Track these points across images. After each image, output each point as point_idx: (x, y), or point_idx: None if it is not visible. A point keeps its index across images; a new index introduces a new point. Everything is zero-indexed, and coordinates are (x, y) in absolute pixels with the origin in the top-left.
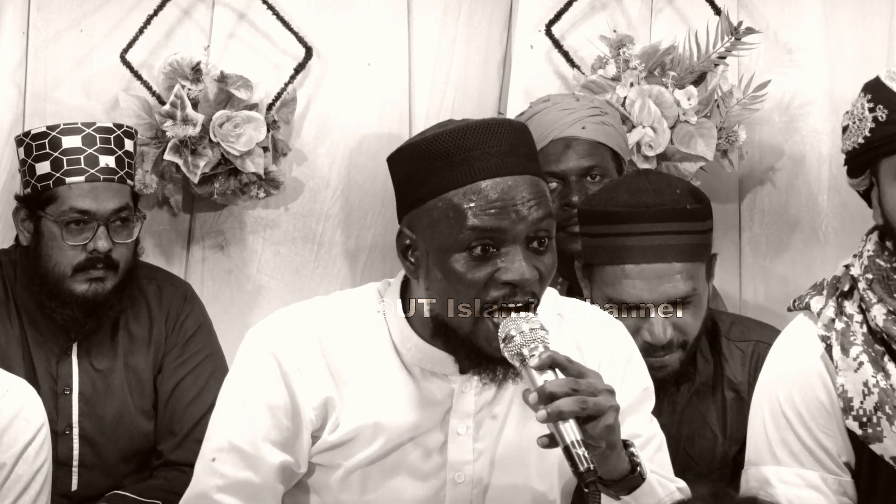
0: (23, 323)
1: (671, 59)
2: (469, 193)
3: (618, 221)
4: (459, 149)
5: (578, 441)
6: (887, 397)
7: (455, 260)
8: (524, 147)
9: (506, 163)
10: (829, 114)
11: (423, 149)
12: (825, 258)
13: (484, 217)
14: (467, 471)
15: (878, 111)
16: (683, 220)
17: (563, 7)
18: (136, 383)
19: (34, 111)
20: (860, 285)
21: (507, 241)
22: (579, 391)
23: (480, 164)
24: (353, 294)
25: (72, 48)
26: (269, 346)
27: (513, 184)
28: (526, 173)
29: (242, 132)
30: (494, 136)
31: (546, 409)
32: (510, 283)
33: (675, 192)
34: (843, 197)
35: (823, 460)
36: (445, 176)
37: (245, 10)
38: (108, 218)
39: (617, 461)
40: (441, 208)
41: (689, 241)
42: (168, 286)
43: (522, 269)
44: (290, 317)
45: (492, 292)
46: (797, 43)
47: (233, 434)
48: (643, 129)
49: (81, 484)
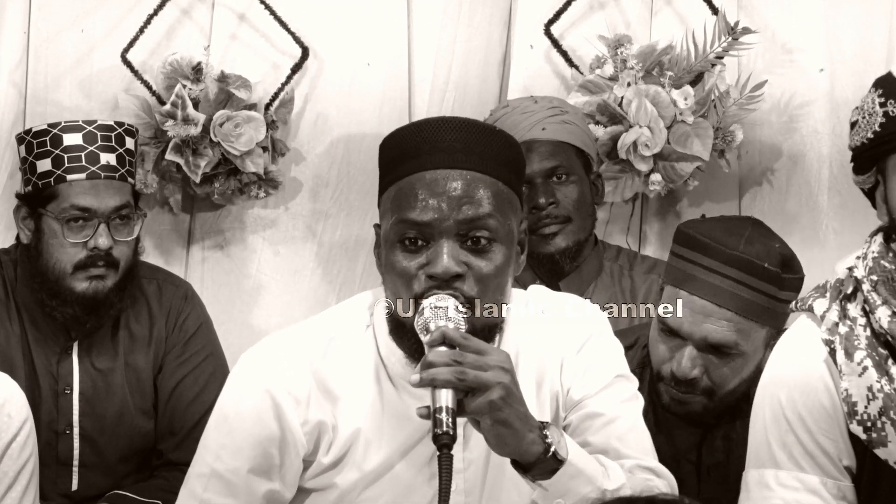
0: (23, 322)
1: (669, 58)
2: (407, 185)
3: (696, 249)
4: (413, 142)
5: (447, 408)
6: (892, 402)
7: (393, 252)
8: (481, 146)
9: (453, 158)
10: (828, 114)
11: (387, 142)
12: (825, 259)
13: (413, 210)
14: (459, 480)
15: (890, 106)
16: (755, 276)
17: (562, 7)
18: (137, 383)
19: (34, 111)
20: (864, 287)
21: (436, 235)
22: (462, 364)
23: (426, 157)
24: (344, 309)
25: (72, 48)
26: (262, 380)
27: (449, 178)
28: (473, 170)
29: (243, 132)
30: (449, 132)
31: (420, 374)
32: (432, 276)
33: (765, 248)
34: (842, 197)
35: (824, 464)
36: (396, 168)
37: (245, 10)
38: (109, 215)
39: (520, 441)
40: (388, 199)
41: (752, 298)
42: (168, 286)
43: (444, 263)
44: (283, 345)
45: (421, 285)
46: (796, 43)
47: (217, 462)
48: (640, 128)
49: (82, 484)
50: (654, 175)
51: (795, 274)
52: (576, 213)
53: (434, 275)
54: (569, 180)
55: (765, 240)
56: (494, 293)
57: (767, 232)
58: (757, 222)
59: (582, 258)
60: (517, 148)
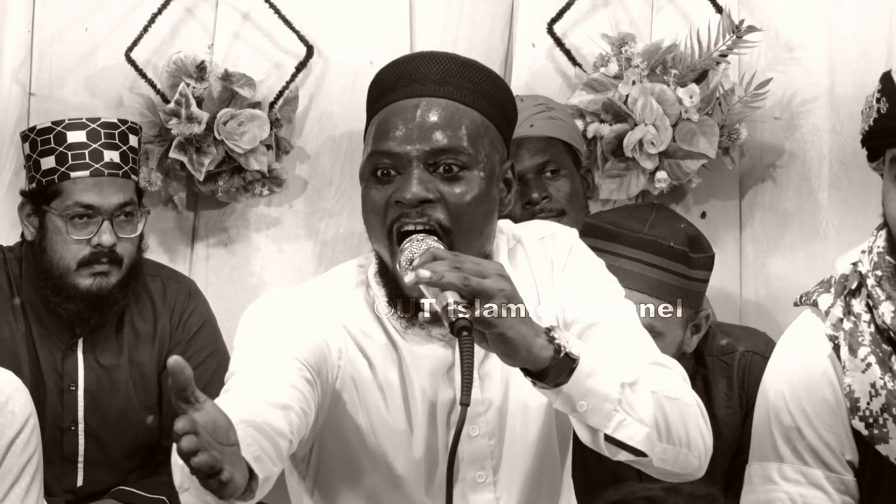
0: (28, 319)
1: (673, 57)
2: (382, 117)
3: (603, 237)
4: (391, 76)
5: (457, 301)
6: (894, 399)
7: (368, 187)
8: (458, 77)
9: (426, 88)
10: (829, 111)
11: (371, 81)
12: (826, 254)
13: (385, 140)
14: (481, 423)
15: (882, 103)
16: (663, 256)
17: (565, 5)
18: (141, 379)
19: (38, 109)
20: (869, 282)
21: (404, 164)
22: (463, 268)
23: (402, 89)
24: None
25: (76, 46)
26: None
27: (421, 105)
28: (447, 98)
29: (246, 130)
30: (425, 63)
31: (424, 271)
32: (400, 201)
33: (670, 229)
34: (843, 194)
35: (827, 458)
36: (376, 104)
37: (248, 8)
38: (113, 212)
39: (530, 347)
40: (367, 137)
41: (662, 278)
42: (172, 283)
43: (412, 188)
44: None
45: (390, 214)
46: (798, 41)
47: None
48: (645, 126)
49: (87, 480)
50: (660, 173)
51: (704, 252)
52: (569, 206)
53: (402, 200)
54: (560, 175)
55: (669, 222)
56: (470, 225)
57: (672, 214)
58: (661, 207)
59: None
60: (501, 84)
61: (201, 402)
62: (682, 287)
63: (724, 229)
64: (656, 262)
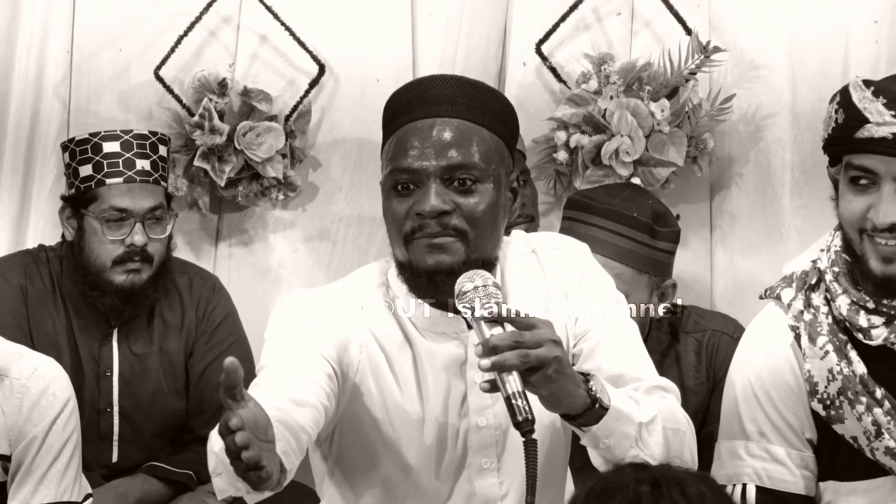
0: (68, 312)
1: (647, 74)
2: (399, 137)
3: (578, 209)
4: (405, 98)
5: (519, 392)
6: (849, 383)
7: (389, 200)
8: (467, 98)
9: (439, 109)
10: (790, 124)
11: (386, 103)
12: (787, 254)
13: (404, 158)
14: (489, 415)
15: (839, 114)
16: (628, 226)
17: (551, 28)
18: (170, 366)
19: (77, 121)
20: (827, 277)
21: (423, 179)
22: (522, 344)
23: (416, 110)
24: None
25: (110, 65)
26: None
27: (436, 126)
28: (458, 118)
29: (264, 140)
30: (436, 86)
31: (490, 360)
32: (419, 213)
33: (637, 203)
34: (803, 199)
35: (789, 437)
36: (391, 124)
37: (266, 31)
38: (144, 215)
39: (572, 400)
40: (385, 155)
41: (626, 245)
42: (198, 279)
43: (431, 201)
44: (310, 291)
45: (410, 224)
46: (762, 60)
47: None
48: (621, 137)
49: (121, 456)
50: (635, 179)
51: (670, 227)
52: (536, 211)
53: (422, 212)
54: (528, 183)
55: (639, 197)
56: (484, 230)
57: (643, 192)
58: (636, 186)
59: None
60: (506, 103)
61: (247, 400)
62: (647, 255)
63: (695, 231)
64: (622, 230)
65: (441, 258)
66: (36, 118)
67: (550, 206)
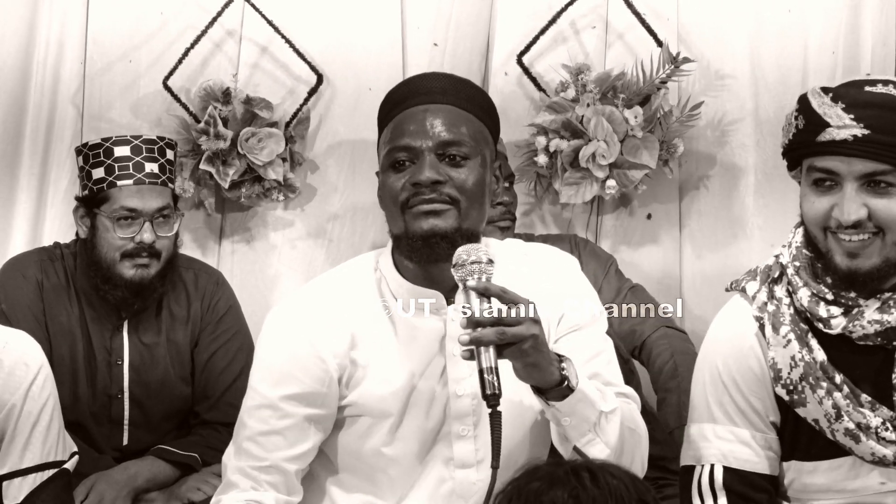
0: (81, 304)
1: (621, 83)
2: (396, 123)
3: None
4: (400, 92)
5: (491, 368)
6: (810, 369)
7: (387, 176)
8: (456, 89)
9: (432, 97)
10: (753, 130)
11: (383, 98)
12: (751, 250)
13: (401, 138)
14: (465, 385)
15: (798, 120)
16: None
17: (531, 41)
18: (177, 355)
19: (90, 129)
20: (789, 271)
21: (418, 154)
22: (502, 321)
23: (411, 100)
24: (353, 262)
25: (122, 76)
26: (289, 315)
27: (429, 111)
28: (449, 104)
29: (265, 145)
30: (428, 80)
31: (469, 335)
32: (415, 182)
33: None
34: (766, 199)
35: (753, 420)
36: (388, 115)
37: (267, 44)
38: (153, 215)
39: (543, 374)
40: (383, 141)
41: None
42: (203, 274)
43: (426, 171)
44: (302, 291)
45: (406, 194)
46: (727, 70)
47: (258, 395)
48: (597, 142)
49: (131, 439)
50: (610, 181)
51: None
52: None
53: (419, 181)
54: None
55: None
56: (473, 202)
57: None
58: None
59: None
60: (489, 99)
61: None
62: None
63: (665, 229)
64: None
65: (435, 222)
66: (51, 126)
67: (531, 206)
